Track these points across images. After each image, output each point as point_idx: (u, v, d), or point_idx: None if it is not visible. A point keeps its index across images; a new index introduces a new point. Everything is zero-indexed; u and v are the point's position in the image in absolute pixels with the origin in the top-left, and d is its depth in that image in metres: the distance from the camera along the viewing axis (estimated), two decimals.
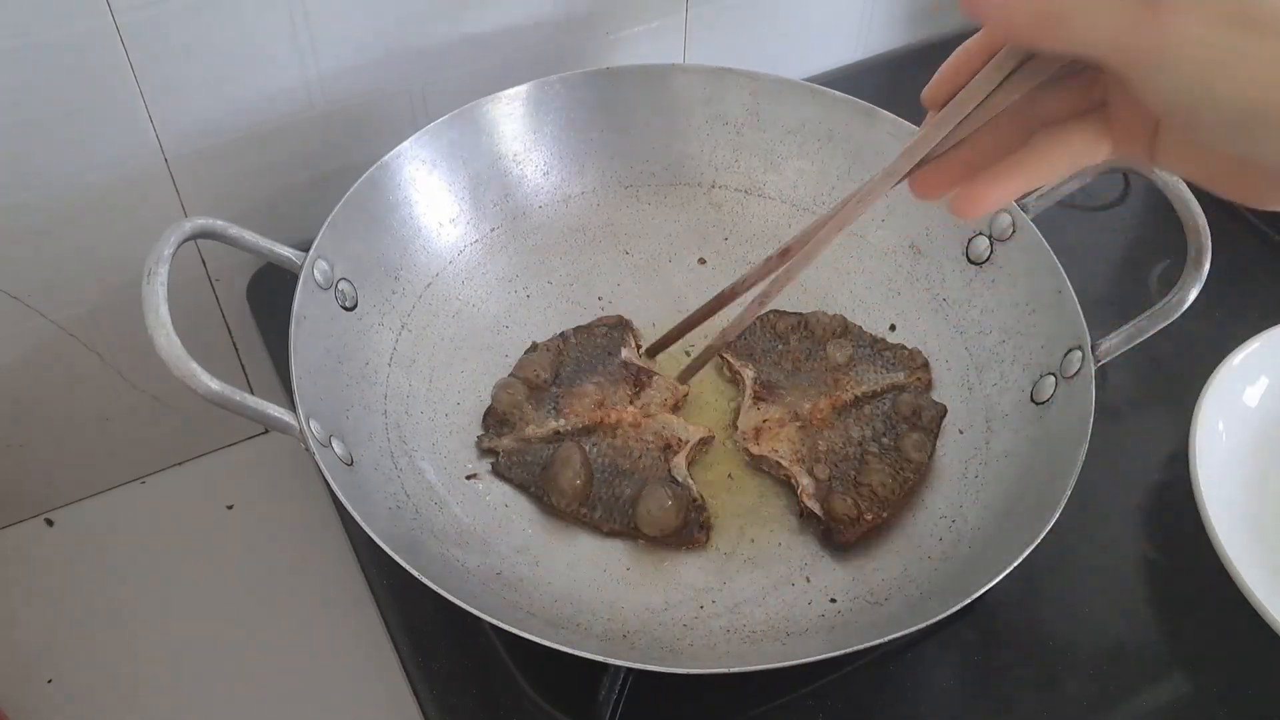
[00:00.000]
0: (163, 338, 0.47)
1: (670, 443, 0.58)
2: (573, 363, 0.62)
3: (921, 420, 0.59)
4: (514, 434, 0.59)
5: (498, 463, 0.58)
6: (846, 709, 0.53)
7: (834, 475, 0.57)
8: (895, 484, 0.57)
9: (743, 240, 0.69)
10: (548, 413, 0.59)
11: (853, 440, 0.59)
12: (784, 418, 0.59)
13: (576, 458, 0.56)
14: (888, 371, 0.61)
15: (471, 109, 0.63)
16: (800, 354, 0.62)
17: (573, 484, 0.56)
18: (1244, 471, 0.60)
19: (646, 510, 0.55)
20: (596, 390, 0.60)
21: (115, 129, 0.60)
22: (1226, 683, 0.55)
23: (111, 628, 0.68)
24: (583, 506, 0.56)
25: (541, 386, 0.61)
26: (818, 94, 0.67)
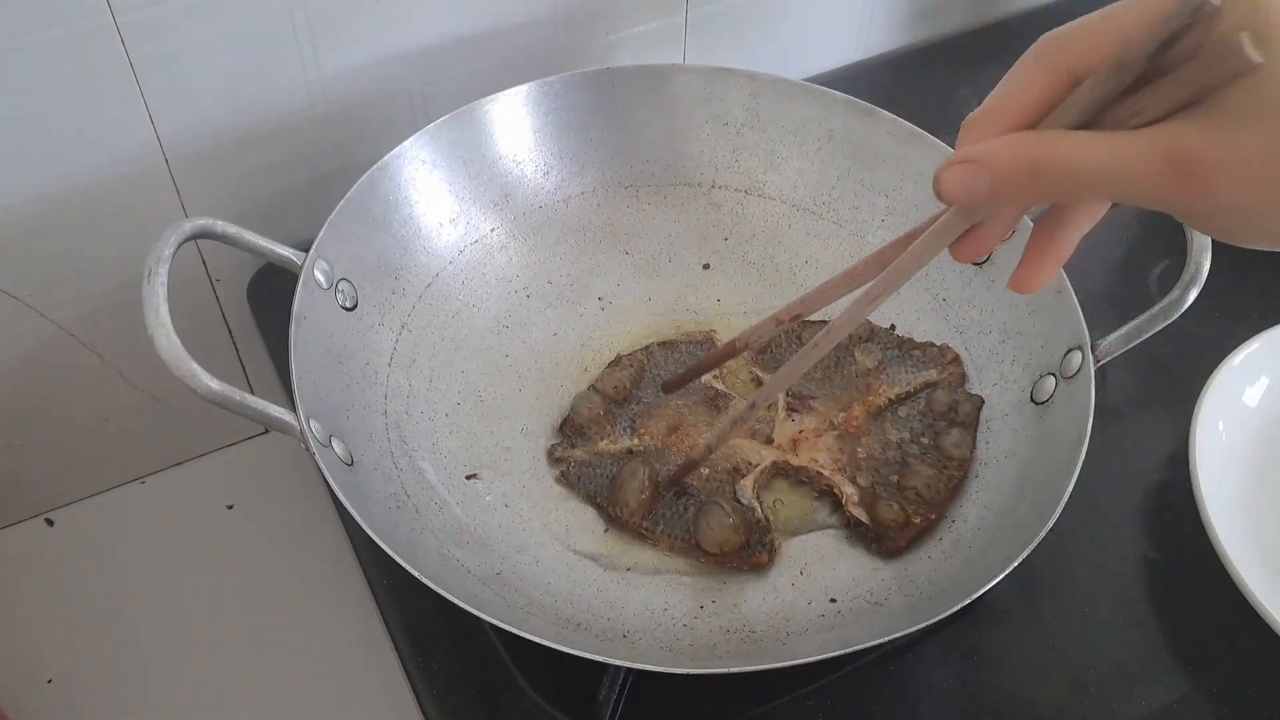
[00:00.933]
0: (163, 338, 0.47)
1: (740, 466, 0.57)
2: (653, 378, 0.61)
3: (959, 415, 0.59)
4: (587, 447, 0.59)
5: (566, 472, 0.58)
6: (846, 709, 0.53)
7: (877, 481, 0.57)
8: (940, 483, 0.56)
9: (743, 240, 0.69)
10: (623, 430, 0.59)
11: (891, 444, 0.58)
12: (820, 427, 0.59)
13: (643, 472, 0.56)
14: (919, 370, 0.61)
15: (471, 109, 0.63)
16: (829, 361, 0.61)
17: (638, 497, 0.55)
18: (1244, 471, 0.60)
19: (707, 526, 0.54)
20: (674, 413, 0.60)
21: (115, 129, 0.60)
22: (1226, 683, 0.55)
23: (111, 628, 0.68)
24: (645, 520, 0.56)
25: (620, 402, 0.60)
26: (818, 94, 0.67)
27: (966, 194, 0.33)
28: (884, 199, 0.67)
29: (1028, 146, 0.32)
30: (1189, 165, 0.29)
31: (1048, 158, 0.31)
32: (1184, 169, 0.29)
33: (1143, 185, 0.30)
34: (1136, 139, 0.30)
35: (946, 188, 0.33)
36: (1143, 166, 0.30)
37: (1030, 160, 0.31)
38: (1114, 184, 0.31)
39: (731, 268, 0.68)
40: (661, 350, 0.63)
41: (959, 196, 0.33)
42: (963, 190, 0.33)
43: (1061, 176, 0.31)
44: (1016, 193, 0.32)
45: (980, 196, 0.32)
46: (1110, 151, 0.30)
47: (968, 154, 0.32)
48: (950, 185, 0.33)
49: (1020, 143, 0.32)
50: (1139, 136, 0.30)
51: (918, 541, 0.55)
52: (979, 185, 0.32)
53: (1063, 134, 0.32)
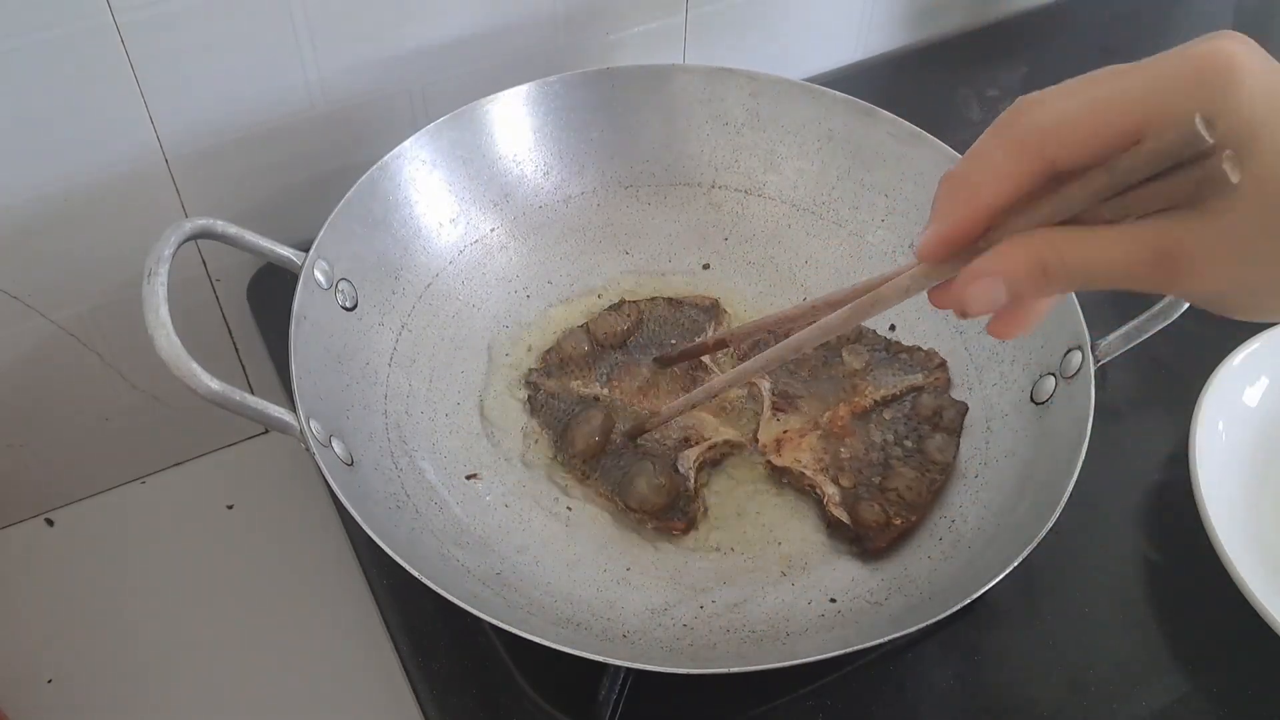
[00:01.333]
0: (163, 338, 0.47)
1: (691, 437, 0.58)
2: (647, 332, 0.63)
3: (943, 420, 0.59)
4: (561, 380, 0.61)
5: (534, 396, 0.60)
6: (846, 709, 0.53)
7: (859, 482, 0.57)
8: (922, 486, 0.56)
9: (743, 240, 0.69)
10: (599, 376, 0.61)
11: (875, 445, 0.58)
12: (804, 427, 0.59)
13: (597, 420, 0.58)
14: (905, 374, 0.61)
15: (471, 109, 0.63)
16: (816, 362, 0.62)
17: (587, 441, 0.58)
18: (1244, 471, 0.60)
19: (633, 482, 0.56)
20: (650, 372, 0.61)
21: (115, 129, 0.60)
22: (1226, 683, 0.55)
23: (111, 628, 0.68)
24: (585, 465, 0.58)
25: (607, 347, 0.62)
26: (818, 94, 0.67)
27: (990, 303, 0.35)
28: (884, 199, 0.67)
29: (1035, 252, 0.34)
30: (1175, 259, 0.32)
31: (1055, 261, 0.34)
32: (1171, 262, 0.33)
33: (1138, 277, 0.33)
34: (1126, 237, 0.33)
35: (974, 305, 0.36)
36: (1136, 262, 0.33)
37: (1040, 264, 0.34)
38: (1113, 278, 0.34)
39: (731, 268, 0.68)
40: (666, 305, 0.64)
41: (984, 308, 0.36)
42: (988, 301, 0.35)
43: (1067, 275, 0.34)
44: (1029, 293, 0.35)
45: (999, 303, 0.35)
46: (1107, 249, 0.33)
47: (981, 269, 0.35)
48: (975, 302, 0.36)
49: (1027, 248, 0.34)
50: (1133, 232, 0.33)
51: (898, 543, 0.56)
52: (999, 295, 0.35)
53: (1062, 235, 0.34)
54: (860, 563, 0.55)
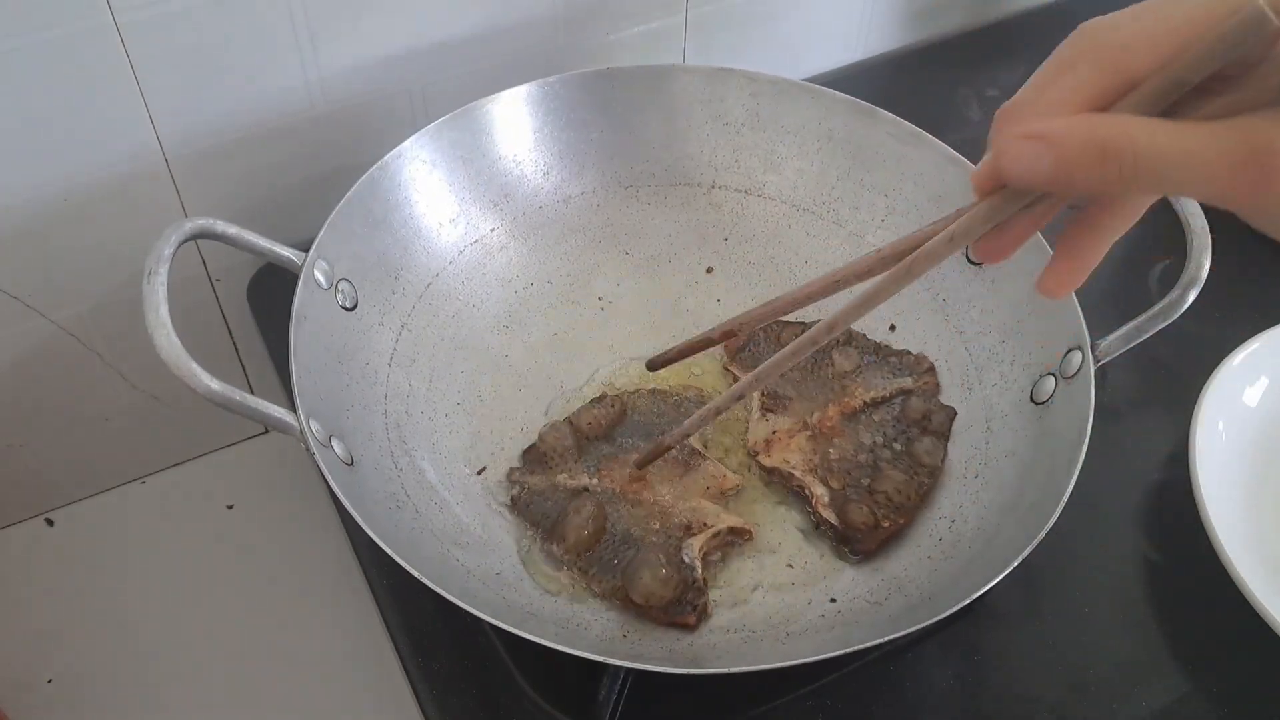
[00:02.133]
0: (163, 337, 0.47)
1: (693, 525, 0.55)
2: (633, 424, 0.59)
3: (932, 424, 0.59)
4: (545, 475, 0.57)
5: (518, 496, 0.57)
6: (846, 709, 0.53)
7: (848, 484, 0.57)
8: (910, 489, 0.56)
9: (743, 240, 0.69)
10: (587, 467, 0.57)
11: (864, 447, 0.58)
12: (793, 428, 0.59)
13: (588, 510, 0.55)
14: (895, 376, 0.61)
15: (471, 109, 0.63)
16: (806, 363, 0.62)
17: (578, 534, 0.54)
18: (1244, 471, 0.60)
19: (638, 576, 0.52)
20: None
21: (115, 129, 0.60)
22: (1226, 683, 0.55)
23: (111, 628, 0.68)
24: (580, 559, 0.54)
25: (591, 438, 0.59)
26: (818, 94, 0.67)
27: (1028, 171, 0.31)
28: (884, 199, 0.67)
29: (1101, 127, 0.30)
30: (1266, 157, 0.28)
31: (1120, 140, 0.29)
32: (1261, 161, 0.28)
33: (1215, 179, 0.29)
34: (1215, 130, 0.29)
35: (1009, 162, 0.31)
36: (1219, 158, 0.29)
37: (1102, 141, 0.29)
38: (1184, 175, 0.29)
39: (731, 268, 0.68)
40: (650, 397, 0.61)
41: (1020, 174, 0.31)
42: (1026, 167, 0.31)
43: (1131, 162, 0.29)
44: (1080, 175, 0.30)
45: (1041, 175, 0.31)
46: (1186, 140, 0.29)
47: (1036, 130, 0.31)
48: (1014, 160, 0.31)
49: (1093, 123, 0.30)
50: (1217, 127, 0.29)
51: (886, 545, 0.55)
52: (1042, 163, 0.30)
53: (1134, 118, 0.30)
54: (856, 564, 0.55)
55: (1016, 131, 0.31)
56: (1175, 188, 0.30)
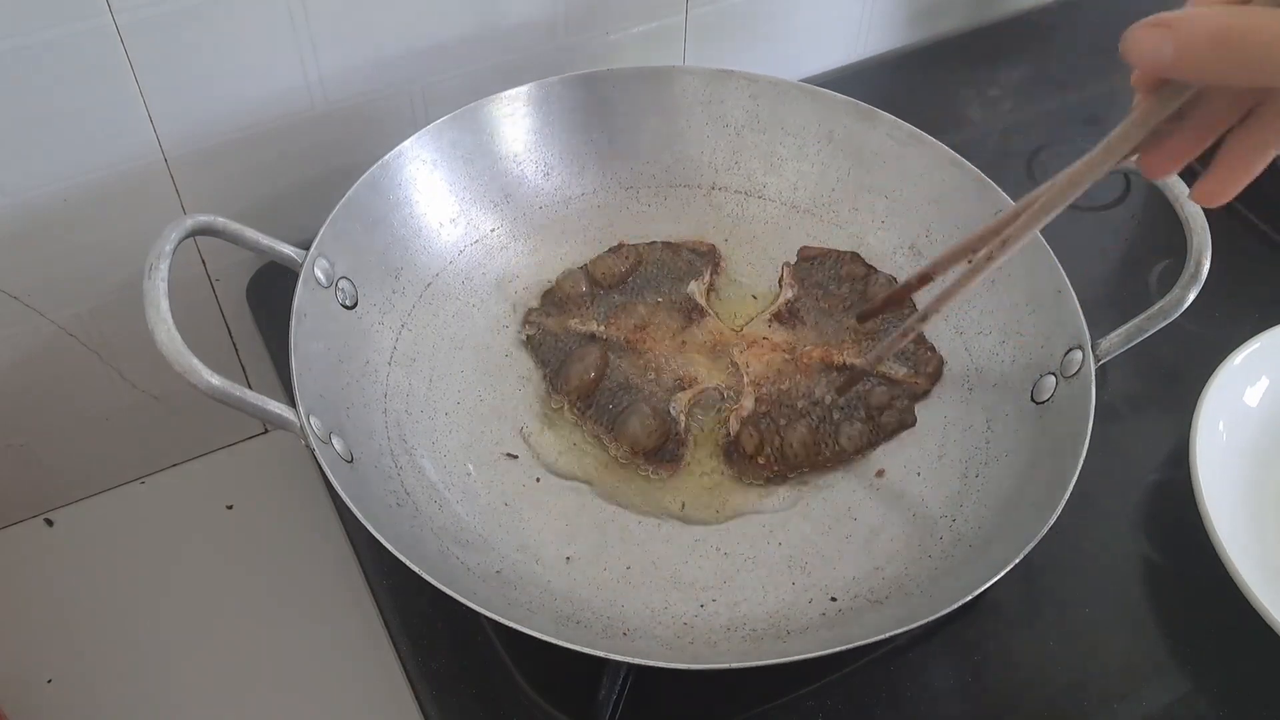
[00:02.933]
0: (163, 333, 0.47)
1: (683, 379, 0.60)
2: (645, 275, 0.64)
3: (880, 417, 0.59)
4: (559, 319, 0.62)
5: (533, 335, 0.62)
6: (846, 709, 0.53)
7: (770, 412, 0.58)
8: (805, 454, 0.57)
9: (742, 241, 0.69)
10: (598, 315, 0.62)
11: (812, 397, 0.59)
12: (782, 344, 0.61)
13: (593, 357, 0.60)
14: (893, 361, 0.61)
15: (472, 109, 0.64)
16: (842, 303, 0.63)
17: (581, 378, 0.59)
18: (1245, 472, 0.60)
19: (627, 423, 0.57)
20: (647, 312, 0.62)
21: (115, 129, 0.60)
22: (1226, 683, 0.55)
23: (111, 628, 0.68)
24: (580, 401, 0.59)
25: (605, 287, 0.63)
26: (817, 95, 0.67)
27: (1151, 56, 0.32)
28: (884, 200, 0.67)
29: (1223, 17, 0.31)
30: None
31: (1236, 28, 0.30)
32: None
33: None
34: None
35: (1132, 46, 0.32)
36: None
37: (1222, 29, 0.30)
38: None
39: (732, 268, 0.68)
40: (664, 249, 0.65)
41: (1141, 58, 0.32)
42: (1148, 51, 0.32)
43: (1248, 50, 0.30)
44: (1201, 63, 0.31)
45: (1164, 61, 0.32)
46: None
47: (1160, 18, 0.32)
48: (1137, 45, 0.32)
49: (1214, 13, 0.31)
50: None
51: (748, 477, 0.57)
52: (1164, 50, 0.31)
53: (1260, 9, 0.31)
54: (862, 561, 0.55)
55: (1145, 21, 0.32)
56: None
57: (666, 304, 0.63)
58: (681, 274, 0.64)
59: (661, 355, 0.61)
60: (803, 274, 0.64)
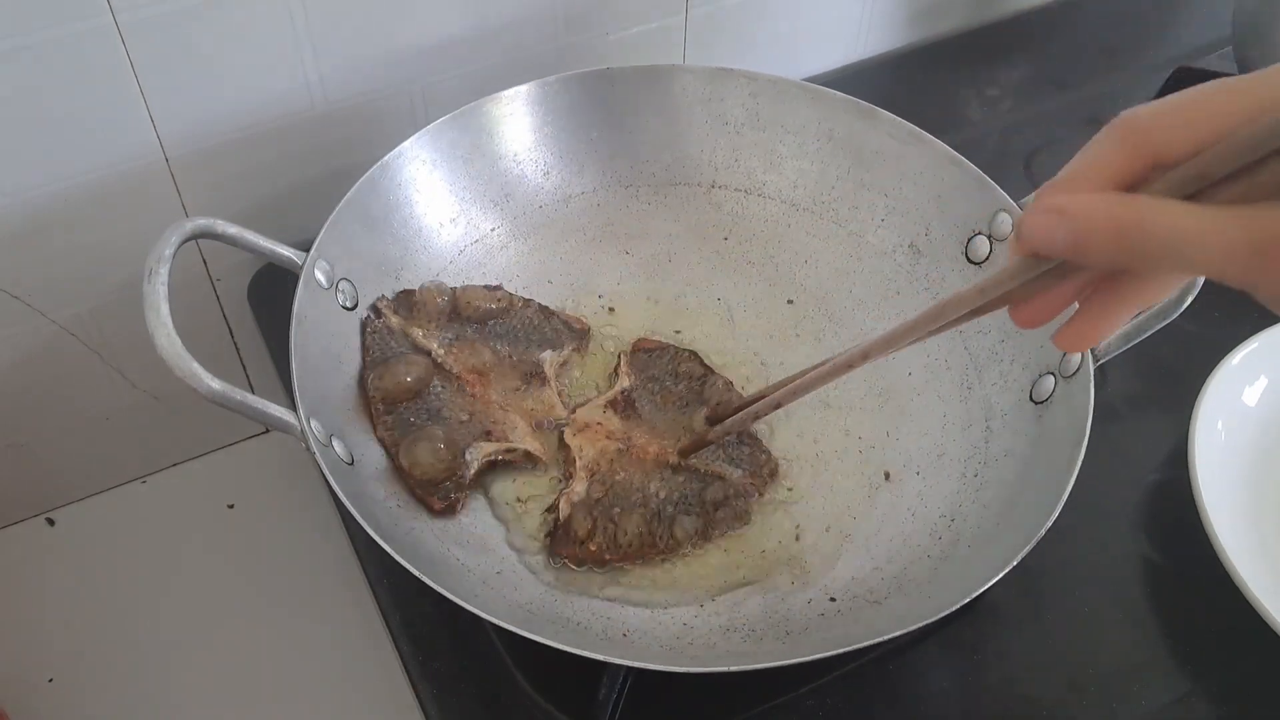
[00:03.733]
0: (163, 337, 0.47)
1: (493, 431, 0.57)
2: (508, 326, 0.61)
3: (715, 512, 0.56)
4: (404, 321, 0.59)
5: (370, 320, 0.59)
6: (846, 709, 0.53)
7: (603, 499, 0.56)
8: (639, 543, 0.55)
9: (743, 240, 0.69)
10: (441, 337, 0.60)
11: (647, 493, 0.56)
12: (616, 434, 0.58)
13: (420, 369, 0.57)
14: (729, 463, 0.58)
15: (471, 109, 0.63)
16: (677, 401, 0.60)
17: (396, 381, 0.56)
18: (1244, 471, 0.60)
19: (417, 443, 0.55)
20: (492, 359, 0.60)
21: (115, 129, 0.60)
22: (1226, 683, 0.55)
23: (111, 628, 0.68)
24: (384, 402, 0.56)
25: (463, 318, 0.61)
26: (818, 94, 0.67)
27: (1046, 241, 0.32)
28: (884, 199, 0.67)
29: (1119, 206, 0.31)
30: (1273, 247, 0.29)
31: (1136, 221, 0.31)
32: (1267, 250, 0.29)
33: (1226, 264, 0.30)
34: (1228, 216, 0.30)
35: (1028, 230, 0.33)
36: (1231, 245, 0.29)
37: (1119, 220, 0.31)
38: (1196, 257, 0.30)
39: (732, 268, 0.68)
40: (539, 312, 0.63)
41: (1037, 243, 0.33)
42: (1045, 237, 0.32)
43: (1146, 241, 0.31)
44: (1096, 249, 0.32)
45: (1058, 246, 0.32)
46: (1199, 224, 0.30)
47: (1058, 204, 0.32)
48: (1032, 229, 0.33)
49: (1112, 200, 0.32)
50: (1230, 214, 0.30)
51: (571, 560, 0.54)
52: (1059, 234, 0.32)
53: (1155, 200, 0.31)
54: (861, 562, 0.55)
55: (1038, 206, 0.33)
56: (1188, 267, 0.31)
57: (513, 360, 0.60)
58: (543, 340, 0.61)
59: (484, 404, 0.58)
60: (640, 365, 0.61)
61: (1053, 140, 0.81)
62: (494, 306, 0.62)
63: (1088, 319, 0.37)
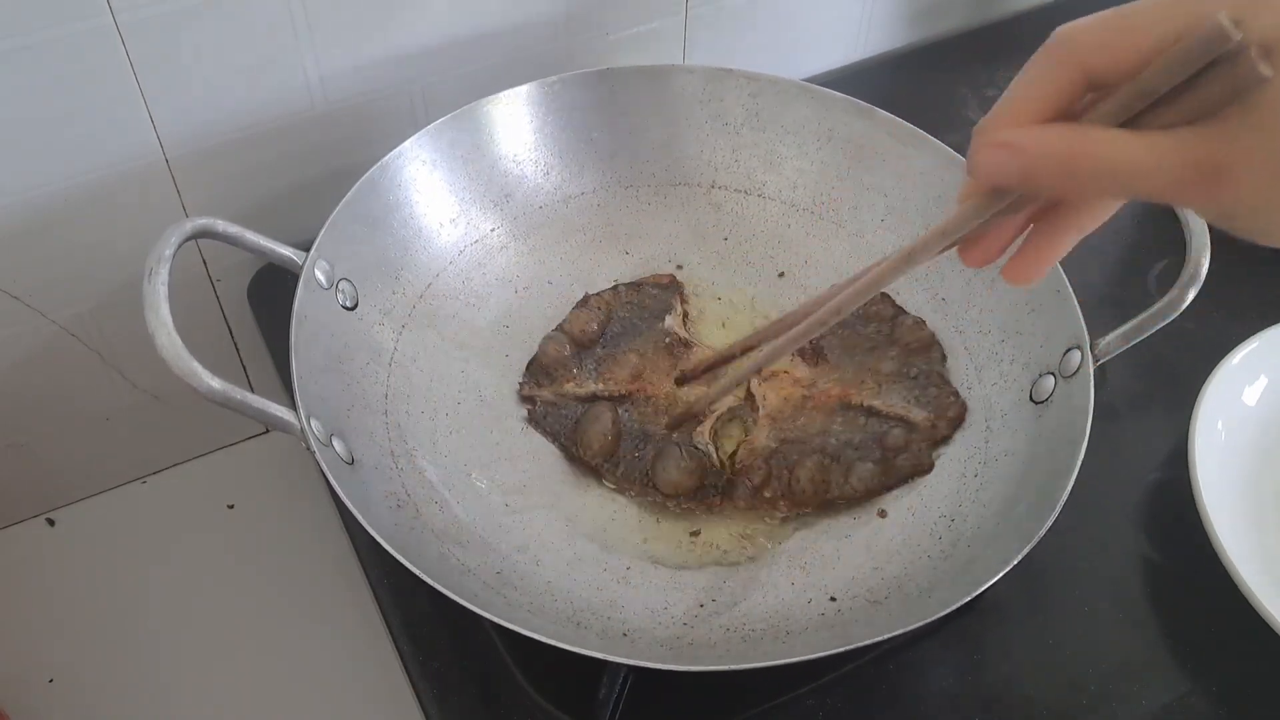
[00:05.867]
0: (164, 337, 0.47)
1: (697, 411, 0.59)
2: (620, 321, 0.63)
3: (894, 460, 0.57)
4: (553, 387, 0.61)
5: (534, 410, 0.60)
6: (846, 708, 0.53)
7: (781, 448, 0.57)
8: (813, 491, 0.56)
9: (743, 240, 0.69)
10: (589, 373, 0.61)
11: (829, 434, 0.58)
12: (800, 380, 0.60)
13: (607, 416, 0.59)
14: (913, 405, 0.60)
15: (471, 109, 0.64)
16: (865, 343, 0.62)
17: (601, 439, 0.58)
18: (1244, 471, 0.60)
19: (664, 469, 0.57)
20: (638, 360, 0.62)
21: (115, 129, 0.60)
22: (1226, 683, 0.55)
23: (111, 628, 0.68)
24: (606, 463, 0.58)
25: (587, 344, 0.62)
26: (817, 94, 0.67)
27: (998, 175, 0.34)
28: (883, 199, 0.67)
29: (1065, 137, 0.33)
30: (1215, 169, 0.31)
31: (1082, 151, 0.32)
32: (1206, 169, 0.31)
33: (1171, 186, 0.31)
34: (1164, 141, 0.31)
35: (981, 167, 0.34)
36: (1173, 167, 0.31)
37: (1065, 150, 0.32)
38: (1143, 182, 0.32)
39: (731, 268, 0.68)
40: (627, 290, 0.65)
41: (990, 177, 0.34)
42: (996, 172, 0.34)
43: (1092, 170, 0.32)
44: (1046, 180, 0.33)
45: (1010, 179, 0.34)
46: (1144, 151, 0.31)
47: (1005, 138, 0.33)
48: (984, 164, 0.34)
49: (1057, 132, 0.33)
50: (1168, 139, 0.31)
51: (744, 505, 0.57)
52: (1010, 168, 0.33)
53: (1098, 129, 0.32)
54: (861, 561, 0.55)
55: (987, 140, 0.34)
56: (1133, 194, 0.33)
57: (651, 346, 0.62)
58: (654, 312, 0.64)
59: (666, 397, 0.60)
60: None
61: None
62: (598, 319, 0.63)
63: (1034, 250, 0.39)
